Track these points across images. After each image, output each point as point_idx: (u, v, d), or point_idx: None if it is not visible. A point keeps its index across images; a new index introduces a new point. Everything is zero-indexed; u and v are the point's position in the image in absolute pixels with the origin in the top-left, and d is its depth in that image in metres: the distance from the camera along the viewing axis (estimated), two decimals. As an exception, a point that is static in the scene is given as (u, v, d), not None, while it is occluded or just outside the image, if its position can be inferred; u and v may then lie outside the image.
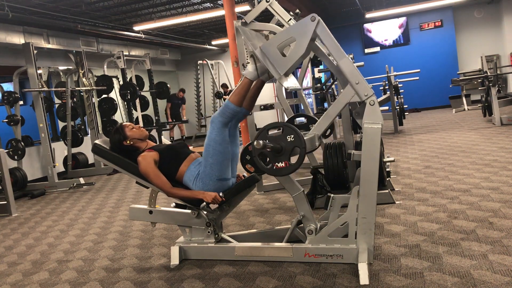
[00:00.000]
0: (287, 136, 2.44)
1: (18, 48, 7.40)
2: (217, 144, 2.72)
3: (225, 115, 2.71)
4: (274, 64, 2.49)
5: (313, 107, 11.61)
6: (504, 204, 3.28)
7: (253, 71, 2.65)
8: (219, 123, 2.71)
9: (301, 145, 2.42)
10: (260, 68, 2.64)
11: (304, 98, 5.95)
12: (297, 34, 2.47)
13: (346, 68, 2.44)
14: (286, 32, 2.54)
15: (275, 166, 2.48)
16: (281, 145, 2.45)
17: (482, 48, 11.46)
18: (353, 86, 2.43)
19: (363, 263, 2.39)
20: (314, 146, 2.55)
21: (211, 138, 2.73)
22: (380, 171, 2.83)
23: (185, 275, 2.73)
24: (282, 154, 2.46)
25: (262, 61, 2.49)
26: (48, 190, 6.64)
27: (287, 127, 2.47)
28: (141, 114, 8.96)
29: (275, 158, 2.47)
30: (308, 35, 2.44)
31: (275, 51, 2.50)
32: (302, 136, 2.43)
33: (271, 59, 2.50)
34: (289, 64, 2.48)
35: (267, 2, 4.44)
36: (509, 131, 6.58)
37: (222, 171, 2.78)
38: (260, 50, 2.51)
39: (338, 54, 2.46)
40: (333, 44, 2.47)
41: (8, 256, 3.66)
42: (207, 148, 2.75)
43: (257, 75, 2.67)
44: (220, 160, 2.74)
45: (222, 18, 9.26)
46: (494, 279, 2.17)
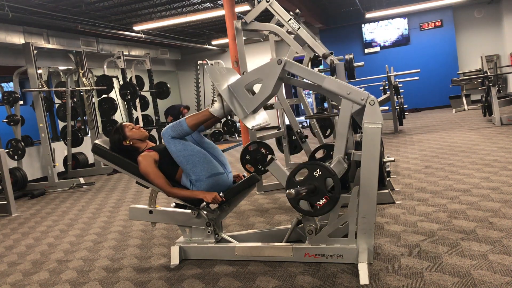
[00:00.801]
0: (314, 172, 2.45)
1: (18, 48, 7.40)
2: (182, 152, 2.76)
3: (176, 132, 2.77)
4: (242, 103, 2.59)
5: (313, 107, 11.62)
6: (504, 204, 3.28)
7: (220, 109, 2.73)
8: (170, 136, 2.77)
9: (331, 174, 2.42)
10: (226, 107, 2.71)
11: (304, 98, 5.95)
12: (264, 75, 2.57)
13: (332, 87, 2.49)
14: (254, 73, 2.62)
15: (318, 205, 2.47)
16: (314, 184, 2.45)
17: (482, 48, 11.46)
18: (347, 97, 2.46)
19: (363, 263, 2.39)
20: (343, 168, 2.57)
21: (173, 150, 2.77)
22: (380, 171, 2.83)
23: (185, 275, 2.73)
24: (318, 191, 2.46)
25: (228, 102, 2.56)
26: (48, 190, 6.64)
27: (309, 164, 2.49)
28: (141, 114, 8.97)
29: (314, 198, 2.47)
30: (275, 76, 2.54)
31: (242, 91, 2.61)
32: (327, 166, 2.44)
33: (238, 98, 2.60)
34: (256, 103, 2.58)
35: (267, 2, 4.45)
36: (509, 131, 6.58)
37: (207, 168, 2.78)
38: (228, 90, 2.60)
39: (317, 78, 2.53)
40: (307, 73, 2.55)
41: (8, 256, 3.66)
42: (178, 160, 2.79)
43: (223, 114, 2.74)
44: (197, 160, 2.77)
45: (222, 18, 9.26)
46: (494, 279, 2.17)
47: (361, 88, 2.51)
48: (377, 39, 12.42)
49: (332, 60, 4.19)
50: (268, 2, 4.45)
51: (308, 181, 2.47)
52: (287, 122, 5.41)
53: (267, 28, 4.76)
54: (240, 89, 2.61)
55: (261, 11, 4.53)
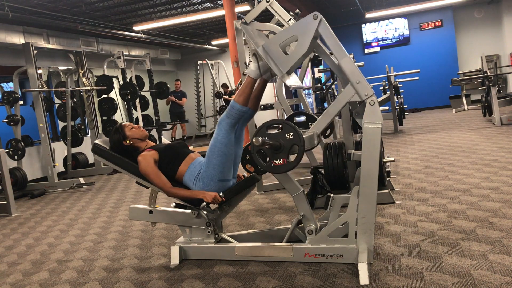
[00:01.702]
0: (286, 133, 2.45)
1: (18, 48, 7.40)
2: (222, 146, 2.73)
3: (232, 116, 2.71)
4: (277, 62, 2.49)
5: (313, 107, 11.61)
6: (504, 204, 3.28)
7: (256, 69, 2.65)
8: (227, 124, 2.71)
9: (300, 143, 2.42)
10: (262, 66, 2.64)
11: (304, 98, 5.95)
12: (300, 32, 2.47)
13: (347, 68, 2.44)
14: (289, 30, 2.53)
15: (273, 163, 2.48)
16: (280, 143, 2.45)
17: (482, 48, 11.45)
18: (353, 85, 2.43)
19: (363, 263, 2.39)
20: (313, 144, 2.55)
21: (217, 139, 2.73)
22: (380, 171, 2.83)
23: (185, 275, 2.73)
24: (281, 151, 2.46)
25: (265, 59, 2.48)
26: (48, 190, 6.64)
27: (287, 124, 2.47)
28: (141, 114, 8.96)
29: (273, 155, 2.47)
30: (311, 34, 2.44)
31: (277, 50, 2.50)
32: (301, 134, 2.43)
33: (273, 58, 2.49)
34: (292, 63, 2.48)
35: (267, 2, 4.44)
36: (509, 131, 6.58)
37: (224, 172, 2.78)
38: (263, 49, 2.51)
39: (340, 53, 2.46)
40: (335, 43, 2.46)
41: (8, 256, 3.66)
42: (212, 149, 2.75)
43: (260, 74, 2.67)
44: (224, 162, 2.75)
45: (222, 18, 9.25)
46: (494, 279, 2.17)
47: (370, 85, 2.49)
48: (377, 39, 12.42)
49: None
50: (268, 2, 4.44)
51: (277, 138, 2.46)
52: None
53: (267, 28, 4.74)
54: (274, 47, 2.49)
55: (261, 11, 4.52)
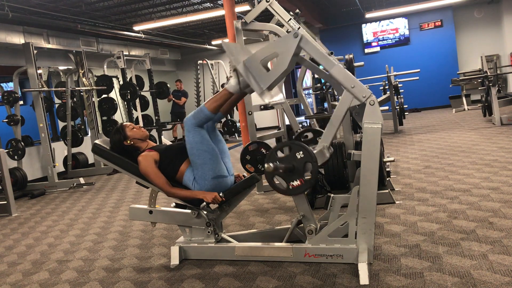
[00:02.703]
0: (296, 153, 2.45)
1: (18, 48, 7.40)
2: (198, 144, 2.75)
3: (198, 119, 2.75)
4: (257, 78, 2.53)
5: (313, 107, 11.61)
6: (504, 204, 3.28)
7: (236, 85, 2.70)
8: (192, 125, 2.75)
9: (312, 160, 2.43)
10: (242, 82, 2.68)
11: (304, 98, 5.96)
12: (280, 49, 2.51)
13: (338, 75, 2.47)
14: (270, 47, 2.57)
15: (291, 185, 2.48)
16: (293, 164, 2.46)
17: (482, 48, 11.45)
18: (349, 90, 2.45)
19: (363, 263, 2.39)
20: (325, 157, 2.56)
21: (190, 140, 2.76)
22: (380, 171, 2.83)
23: (185, 275, 2.73)
24: (295, 172, 2.46)
25: (244, 76, 2.52)
26: (48, 190, 6.64)
27: (295, 144, 2.49)
28: (141, 114, 8.96)
29: (289, 178, 2.48)
30: (291, 51, 2.48)
31: (258, 66, 2.54)
32: (311, 151, 2.44)
33: (254, 74, 2.54)
34: (272, 79, 2.52)
35: (267, 2, 4.45)
36: (509, 131, 6.58)
37: (215, 169, 2.78)
38: (243, 65, 2.55)
39: (328, 63, 2.49)
40: (320, 55, 2.51)
41: (8, 256, 3.66)
42: (191, 152, 2.78)
43: (239, 89, 2.71)
44: (208, 159, 2.76)
45: (222, 18, 9.26)
46: (494, 279, 2.17)
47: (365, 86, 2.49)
48: (377, 39, 12.42)
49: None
50: (268, 2, 4.45)
51: (289, 160, 2.47)
52: (287, 122, 5.41)
53: (267, 28, 4.76)
54: (255, 64, 2.54)
55: (261, 11, 4.53)
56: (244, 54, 2.69)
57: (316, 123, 5.87)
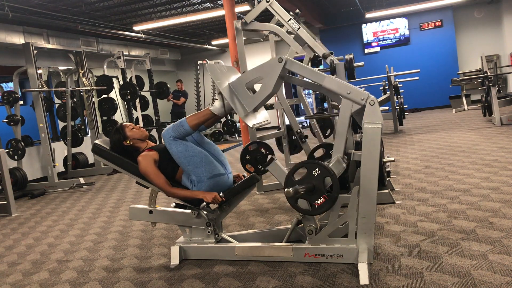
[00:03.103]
0: (313, 171, 2.46)
1: (18, 48, 7.40)
2: (184, 152, 2.76)
3: (178, 132, 2.76)
4: (242, 101, 2.58)
5: (313, 107, 11.62)
6: (504, 204, 3.28)
7: (220, 107, 2.72)
8: (171, 137, 2.76)
9: (330, 173, 2.44)
10: (227, 105, 2.70)
11: (304, 98, 5.95)
12: (265, 73, 2.57)
13: (332, 86, 2.50)
14: (255, 71, 2.61)
15: (316, 204, 2.49)
16: (312, 183, 2.46)
17: (482, 48, 11.46)
18: (347, 97, 2.47)
19: (363, 263, 2.39)
20: (342, 168, 2.57)
21: (174, 152, 2.77)
22: (380, 171, 2.83)
23: (185, 275, 2.73)
24: (316, 190, 2.46)
25: (229, 100, 2.56)
26: (48, 190, 6.64)
27: (308, 163, 2.50)
28: (141, 114, 8.96)
29: (312, 197, 2.48)
30: (275, 75, 2.53)
31: (243, 89, 2.60)
32: (326, 165, 2.45)
33: (239, 97, 2.59)
34: (257, 102, 2.58)
35: (267, 2, 4.45)
36: (509, 131, 6.58)
37: (209, 169, 2.78)
38: (228, 88, 2.60)
39: (318, 77, 2.53)
40: (308, 72, 2.55)
41: (8, 256, 3.66)
42: (180, 161, 2.79)
43: (224, 112, 2.74)
44: (198, 161, 2.77)
45: (222, 18, 9.26)
46: (494, 279, 2.17)
47: (361, 88, 2.51)
48: (377, 39, 12.42)
49: (332, 60, 4.19)
50: (268, 2, 4.45)
51: (307, 180, 2.47)
52: (287, 122, 5.41)
53: (267, 28, 4.76)
54: (240, 87, 2.60)
55: (261, 11, 4.53)
56: (229, 75, 2.73)
57: (316, 123, 5.86)
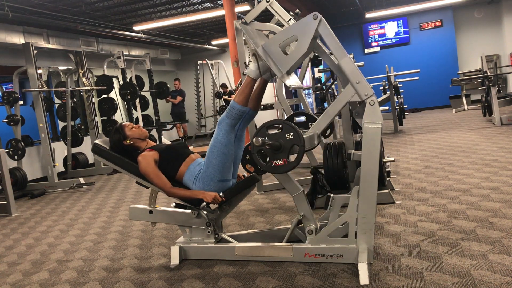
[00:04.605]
0: (286, 134, 2.45)
1: (18, 48, 7.40)
2: (222, 146, 2.72)
3: (232, 116, 2.71)
4: (276, 62, 2.49)
5: (313, 107, 11.61)
6: (504, 204, 3.28)
7: (255, 69, 2.65)
8: (227, 125, 2.71)
9: (300, 143, 2.42)
10: (262, 66, 2.64)
11: (304, 98, 5.95)
12: (299, 32, 2.47)
13: (347, 68, 2.44)
14: (288, 30, 2.53)
15: (274, 163, 2.48)
16: (280, 143, 2.45)
17: (482, 48, 11.46)
18: (353, 85, 2.43)
19: (363, 263, 2.39)
20: (313, 144, 2.55)
21: (217, 139, 2.73)
22: (380, 171, 2.83)
23: (185, 275, 2.73)
24: (281, 151, 2.46)
25: (264, 59, 2.48)
26: (48, 190, 6.63)
27: (286, 124, 2.47)
28: (141, 114, 8.96)
29: (274, 155, 2.48)
30: (310, 34, 2.44)
31: (277, 50, 2.50)
32: (301, 134, 2.43)
33: (273, 58, 2.49)
34: (292, 63, 2.48)
35: (267, 2, 4.44)
36: (509, 131, 6.58)
37: (224, 172, 2.78)
38: (262, 49, 2.51)
39: (340, 53, 2.46)
40: (334, 43, 2.46)
41: (8, 256, 3.66)
42: (212, 149, 2.75)
43: (260, 74, 2.67)
44: (223, 162, 2.75)
45: (222, 18, 9.25)
46: (494, 279, 2.17)
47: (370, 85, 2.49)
48: (377, 39, 12.42)
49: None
50: (268, 2, 4.44)
51: (277, 138, 2.46)
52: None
53: (267, 28, 4.74)
54: (274, 47, 2.50)
55: (261, 11, 4.52)
56: (261, 38, 2.67)
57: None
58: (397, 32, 12.26)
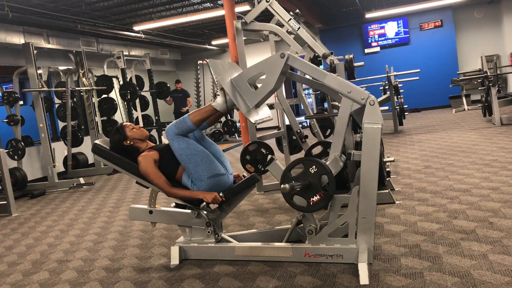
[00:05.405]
0: (309, 168, 2.46)
1: (18, 48, 7.40)
2: (185, 150, 2.76)
3: (180, 129, 2.77)
4: (244, 97, 2.57)
5: (313, 107, 11.62)
6: (504, 204, 3.28)
7: (223, 103, 2.73)
8: (174, 133, 2.77)
9: (327, 171, 2.43)
10: (229, 101, 2.71)
11: (304, 98, 5.95)
12: (267, 69, 2.56)
13: (333, 84, 2.49)
14: (257, 66, 2.60)
15: (311, 201, 2.49)
16: (308, 180, 2.46)
17: (482, 48, 11.46)
18: (347, 96, 2.47)
19: (363, 263, 2.39)
20: (339, 166, 2.57)
21: (176, 149, 2.77)
22: (380, 171, 2.83)
23: (185, 275, 2.73)
24: (312, 187, 2.47)
25: (231, 95, 2.55)
26: (48, 190, 6.64)
27: (306, 160, 2.50)
28: (141, 114, 8.96)
29: (307, 194, 2.49)
30: (278, 71, 2.53)
31: (245, 85, 2.59)
32: (323, 163, 2.45)
33: (241, 92, 2.58)
34: (259, 98, 2.57)
35: (267, 2, 4.45)
36: (509, 131, 6.58)
37: (209, 168, 2.78)
38: (231, 84, 2.59)
39: (319, 75, 2.53)
40: (310, 68, 2.55)
41: (8, 256, 3.66)
42: (181, 159, 2.79)
43: (226, 107, 2.74)
44: (200, 160, 2.77)
45: (222, 18, 9.26)
46: (494, 279, 2.17)
47: (362, 88, 2.51)
48: (377, 39, 12.42)
49: (332, 60, 4.19)
50: (268, 2, 4.45)
51: (303, 177, 2.47)
52: (287, 122, 5.40)
53: (267, 28, 4.76)
54: (242, 83, 2.59)
55: (261, 11, 4.53)
56: (232, 72, 2.72)
57: (316, 123, 5.86)
58: (397, 32, 12.26)
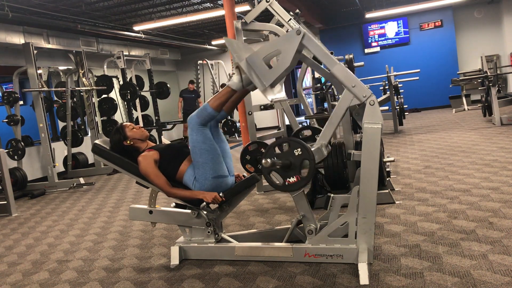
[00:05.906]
0: (294, 150, 2.46)
1: (18, 48, 7.40)
2: (200, 144, 2.75)
3: (202, 117, 2.75)
4: (260, 75, 2.53)
5: (313, 107, 11.61)
6: (504, 204, 3.28)
7: (238, 82, 2.70)
8: (196, 124, 2.75)
9: (310, 157, 2.43)
10: (245, 79, 2.68)
11: (304, 98, 5.95)
12: (283, 46, 2.51)
13: (340, 74, 2.47)
14: (272, 44, 2.56)
15: (287, 181, 2.49)
16: (290, 160, 2.46)
17: (482, 48, 11.46)
18: (350, 90, 2.45)
19: (363, 263, 2.39)
20: (322, 155, 2.57)
21: (193, 139, 2.76)
22: (380, 171, 2.83)
23: (185, 275, 2.73)
24: (292, 169, 2.47)
25: (247, 73, 2.52)
26: (48, 190, 6.64)
27: (293, 141, 2.49)
28: (141, 114, 8.97)
29: (285, 174, 2.49)
30: (294, 48, 2.48)
31: (260, 63, 2.54)
32: (309, 148, 2.45)
33: (256, 71, 2.53)
34: (275, 76, 2.51)
35: (267, 2, 4.45)
36: (509, 131, 6.58)
37: (216, 168, 2.78)
38: (246, 62, 2.55)
39: (329, 62, 2.49)
40: (322, 53, 2.50)
41: (8, 256, 3.66)
42: (193, 150, 2.78)
43: (242, 86, 2.71)
44: (210, 158, 2.76)
45: (222, 18, 9.26)
46: (494, 279, 2.17)
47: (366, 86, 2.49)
48: (377, 39, 12.42)
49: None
50: (268, 2, 4.45)
51: (286, 156, 2.48)
52: (287, 122, 5.41)
53: (267, 28, 4.76)
54: (258, 61, 2.54)
55: (261, 11, 4.52)
56: (247, 51, 2.69)
57: (316, 123, 5.87)
58: (397, 32, 12.26)
